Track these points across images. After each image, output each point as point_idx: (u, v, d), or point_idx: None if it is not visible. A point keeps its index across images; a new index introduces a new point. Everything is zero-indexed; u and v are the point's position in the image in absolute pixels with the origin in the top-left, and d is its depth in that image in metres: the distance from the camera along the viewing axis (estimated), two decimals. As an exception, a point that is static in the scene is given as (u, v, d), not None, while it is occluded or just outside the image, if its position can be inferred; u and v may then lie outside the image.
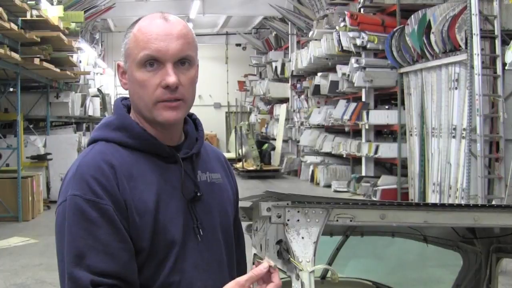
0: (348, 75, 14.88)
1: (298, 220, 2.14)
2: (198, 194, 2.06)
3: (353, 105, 15.26)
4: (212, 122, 30.26)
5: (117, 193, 1.89)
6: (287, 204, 2.15)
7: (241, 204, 2.60)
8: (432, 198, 11.17)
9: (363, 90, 14.78)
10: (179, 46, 1.95)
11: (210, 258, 2.07)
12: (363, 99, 14.90)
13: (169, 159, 2.02)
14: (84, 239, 1.84)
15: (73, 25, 13.96)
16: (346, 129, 16.19)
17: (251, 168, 20.61)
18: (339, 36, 14.99)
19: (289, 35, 22.85)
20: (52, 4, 13.02)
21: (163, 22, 1.96)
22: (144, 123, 2.01)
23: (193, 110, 2.13)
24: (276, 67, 23.58)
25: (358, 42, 14.09)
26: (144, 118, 2.01)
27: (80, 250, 1.84)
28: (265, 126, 25.59)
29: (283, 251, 2.15)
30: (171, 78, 1.93)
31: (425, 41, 11.15)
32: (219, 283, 2.02)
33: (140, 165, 1.96)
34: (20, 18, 10.68)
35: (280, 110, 22.93)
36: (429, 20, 11.05)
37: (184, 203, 2.01)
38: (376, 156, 14.19)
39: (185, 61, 1.97)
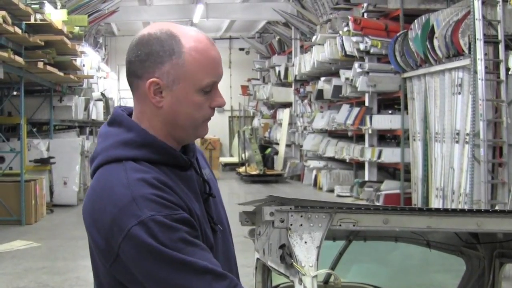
0: (351, 79, 14.87)
1: (301, 225, 2.14)
2: (213, 196, 2.12)
3: (356, 109, 15.25)
4: (215, 127, 30.12)
5: (182, 203, 1.90)
6: (290, 208, 2.15)
7: (244, 208, 2.61)
8: (435, 203, 11.16)
9: (366, 95, 14.77)
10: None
11: (227, 252, 2.13)
12: (366, 103, 14.90)
13: (185, 167, 2.04)
14: (186, 251, 1.82)
15: (76, 29, 14.00)
16: (349, 133, 16.19)
17: (254, 173, 20.61)
18: (342, 40, 14.99)
19: (293, 40, 22.85)
20: (56, 8, 13.04)
21: (213, 46, 2.00)
22: (160, 135, 2.00)
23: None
24: (279, 71, 23.59)
25: (362, 46, 14.09)
26: (170, 133, 2.01)
27: (198, 263, 1.82)
28: (268, 130, 25.58)
29: (286, 256, 2.15)
30: (224, 100, 2.03)
31: (429, 46, 11.15)
32: (235, 274, 2.12)
33: (170, 178, 1.95)
34: (24, 22, 10.71)
35: (283, 115, 22.93)
36: (433, 25, 11.04)
37: (202, 205, 2.05)
38: (379, 161, 14.17)
39: None
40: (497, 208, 9.28)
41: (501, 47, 9.82)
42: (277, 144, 23.27)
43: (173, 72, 1.93)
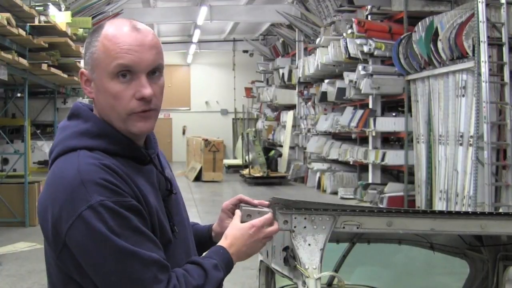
0: (355, 82, 14.87)
1: (305, 227, 2.14)
2: (174, 192, 2.10)
3: (360, 112, 15.24)
4: (219, 129, 30.31)
5: (130, 191, 1.88)
6: (294, 210, 2.15)
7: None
8: (439, 205, 11.15)
9: (370, 97, 14.77)
10: (152, 57, 1.94)
11: (183, 255, 2.07)
12: (370, 106, 14.89)
13: (144, 161, 2.01)
14: (134, 240, 1.81)
15: (80, 31, 13.98)
16: (353, 136, 16.17)
17: (258, 175, 20.59)
18: (346, 43, 14.99)
19: (296, 42, 22.85)
20: (60, 10, 13.04)
21: (134, 32, 1.93)
22: (118, 128, 1.98)
23: (200, 116, 2.14)
24: (283, 73, 23.57)
25: (365, 49, 14.09)
26: (115, 126, 1.98)
27: (145, 254, 1.81)
28: (272, 132, 25.57)
29: (290, 258, 2.15)
30: (148, 90, 1.92)
31: (433, 48, 11.14)
32: None
33: (124, 169, 1.92)
34: (28, 24, 10.71)
35: (287, 117, 22.92)
36: (437, 27, 11.04)
37: (161, 202, 2.02)
38: (383, 163, 14.17)
39: (155, 71, 1.96)
40: (501, 210, 9.27)
41: (505, 49, 9.82)
42: (281, 146, 23.26)
43: (90, 61, 1.95)
